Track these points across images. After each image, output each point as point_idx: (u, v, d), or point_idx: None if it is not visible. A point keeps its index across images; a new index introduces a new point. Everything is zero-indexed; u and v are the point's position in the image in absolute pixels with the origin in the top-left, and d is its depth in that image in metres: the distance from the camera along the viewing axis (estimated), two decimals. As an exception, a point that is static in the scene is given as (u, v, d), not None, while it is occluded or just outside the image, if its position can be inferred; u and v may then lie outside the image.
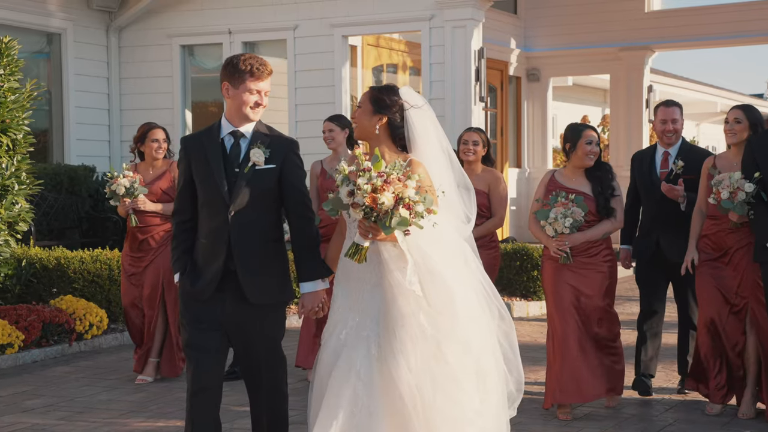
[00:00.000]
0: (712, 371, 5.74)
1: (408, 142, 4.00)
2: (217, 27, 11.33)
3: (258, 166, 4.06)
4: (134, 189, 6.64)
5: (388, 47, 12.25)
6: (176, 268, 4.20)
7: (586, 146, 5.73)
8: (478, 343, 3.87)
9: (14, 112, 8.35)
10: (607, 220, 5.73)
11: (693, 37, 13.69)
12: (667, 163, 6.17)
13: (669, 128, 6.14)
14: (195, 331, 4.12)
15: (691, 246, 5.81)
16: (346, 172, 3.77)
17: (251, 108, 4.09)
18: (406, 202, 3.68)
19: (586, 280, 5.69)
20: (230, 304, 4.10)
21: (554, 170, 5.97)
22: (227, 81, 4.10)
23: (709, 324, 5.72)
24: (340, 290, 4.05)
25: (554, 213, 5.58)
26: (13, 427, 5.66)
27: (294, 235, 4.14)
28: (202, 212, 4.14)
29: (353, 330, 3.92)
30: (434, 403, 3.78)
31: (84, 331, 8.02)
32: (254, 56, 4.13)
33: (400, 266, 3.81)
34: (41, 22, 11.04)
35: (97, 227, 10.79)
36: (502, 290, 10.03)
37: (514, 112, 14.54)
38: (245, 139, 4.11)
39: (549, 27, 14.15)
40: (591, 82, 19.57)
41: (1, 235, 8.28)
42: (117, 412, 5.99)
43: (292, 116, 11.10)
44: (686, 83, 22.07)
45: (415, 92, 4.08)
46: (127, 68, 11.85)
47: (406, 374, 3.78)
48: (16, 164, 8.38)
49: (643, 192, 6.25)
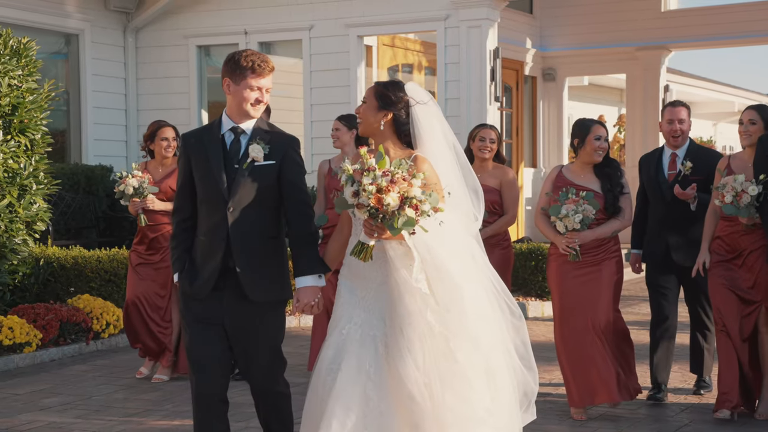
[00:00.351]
0: (727, 374, 5.63)
1: (413, 139, 3.94)
2: (233, 27, 11.38)
3: (257, 162, 4.02)
4: (143, 189, 6.66)
5: (403, 47, 12.26)
6: (175, 267, 4.17)
7: (595, 142, 5.65)
8: (488, 340, 3.81)
9: (32, 112, 8.42)
10: (616, 219, 5.66)
11: (710, 37, 13.62)
12: (674, 164, 6.11)
13: (676, 128, 6.08)
14: (197, 333, 4.09)
15: (704, 248, 5.73)
16: (350, 171, 3.71)
17: (252, 105, 4.06)
18: (413, 203, 3.62)
19: (593, 277, 5.62)
20: (229, 302, 4.06)
21: (561, 165, 5.91)
22: (228, 77, 4.07)
23: (723, 326, 5.65)
24: (345, 287, 4.00)
25: (566, 209, 5.51)
26: (31, 425, 5.71)
27: (292, 231, 4.09)
28: (201, 209, 4.11)
29: (359, 327, 3.88)
30: (444, 402, 3.73)
31: (101, 330, 8.08)
32: (256, 53, 4.10)
33: (406, 264, 3.76)
34: (59, 23, 11.12)
35: (114, 227, 10.85)
36: (517, 290, 10.02)
37: (529, 112, 14.52)
38: (245, 135, 4.08)
39: (565, 27, 14.12)
40: (607, 82, 19.51)
41: (20, 234, 8.35)
42: (133, 411, 6.02)
43: (307, 116, 11.13)
44: (703, 82, 21.96)
45: (420, 88, 4.02)
46: (143, 69, 11.92)
47: (415, 372, 3.74)
48: (34, 164, 8.44)
49: (651, 194, 6.18)
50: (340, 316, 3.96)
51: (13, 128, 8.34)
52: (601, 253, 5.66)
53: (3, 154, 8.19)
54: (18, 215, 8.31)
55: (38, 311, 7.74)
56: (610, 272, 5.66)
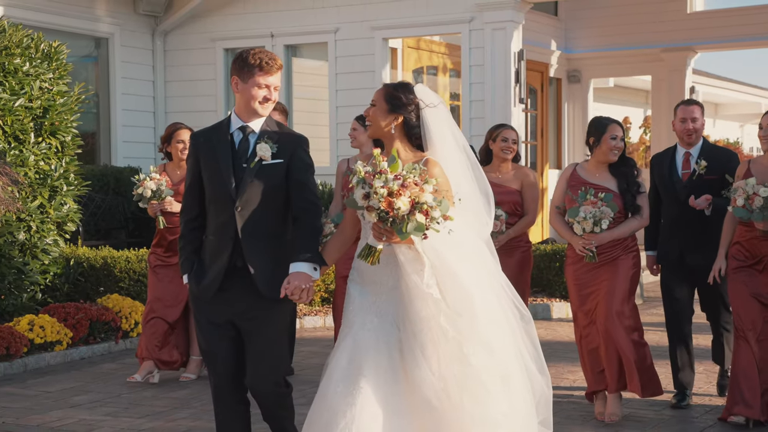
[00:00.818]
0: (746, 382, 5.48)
1: (424, 141, 3.86)
2: (260, 30, 11.47)
3: (265, 161, 3.97)
4: (161, 191, 6.66)
5: (428, 49, 12.30)
6: (184, 268, 4.12)
7: (611, 141, 5.56)
8: (500, 344, 3.76)
9: (63, 115, 8.56)
10: (634, 218, 5.60)
11: (736, 38, 13.54)
12: (688, 163, 6.00)
13: (689, 127, 5.96)
14: (211, 335, 4.08)
15: (721, 254, 5.60)
16: (362, 173, 3.63)
17: (260, 103, 4.00)
18: (424, 208, 3.56)
19: (609, 269, 5.55)
20: (238, 302, 4.02)
21: (576, 164, 5.81)
22: (236, 75, 4.02)
23: (742, 332, 5.51)
24: (357, 290, 3.92)
25: (584, 212, 5.41)
26: (62, 422, 5.80)
27: (295, 225, 4.02)
28: (209, 209, 4.06)
29: (372, 333, 3.80)
30: (463, 405, 3.69)
31: (130, 329, 8.17)
32: (264, 50, 4.03)
33: (417, 269, 3.71)
34: (90, 27, 11.26)
35: (143, 227, 10.96)
36: (542, 291, 10.04)
37: (554, 114, 14.51)
38: (254, 134, 4.03)
39: (590, 28, 14.09)
40: (632, 84, 19.42)
41: (50, 234, 8.49)
42: (161, 409, 6.10)
43: (332, 118, 11.20)
44: (729, 84, 21.80)
45: (430, 90, 3.95)
46: (171, 72, 12.05)
47: (431, 377, 3.69)
48: (64, 166, 8.58)
49: (664, 194, 6.07)
50: (353, 321, 3.88)
51: (45, 130, 8.49)
52: (618, 250, 5.60)
53: (34, 155, 8.34)
54: (49, 216, 8.46)
55: (69, 310, 7.85)
56: (627, 266, 5.58)
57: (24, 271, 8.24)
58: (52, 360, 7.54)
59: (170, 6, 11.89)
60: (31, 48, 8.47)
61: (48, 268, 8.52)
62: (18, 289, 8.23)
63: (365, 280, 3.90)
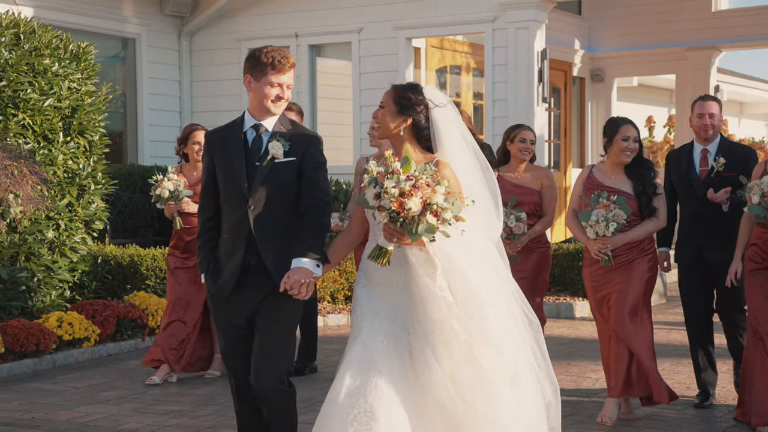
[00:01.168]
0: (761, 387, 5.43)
1: (434, 142, 3.83)
2: (284, 30, 11.55)
3: (277, 159, 3.96)
4: (178, 192, 6.69)
5: (451, 49, 12.34)
6: (201, 268, 4.14)
7: (623, 143, 5.47)
8: (510, 348, 3.75)
9: (91, 114, 8.68)
10: (650, 220, 5.51)
11: (761, 36, 13.44)
12: (706, 160, 5.90)
13: (707, 123, 5.88)
14: (230, 336, 4.10)
15: (737, 257, 5.52)
16: (374, 173, 3.60)
17: (272, 101, 4.00)
18: (434, 209, 3.52)
19: (624, 271, 5.49)
20: (253, 299, 4.03)
21: (592, 165, 5.72)
22: (249, 74, 4.01)
23: (759, 335, 5.44)
24: (364, 293, 3.88)
25: (596, 215, 5.34)
26: (90, 417, 5.90)
27: (303, 221, 3.99)
28: (224, 207, 4.06)
29: (383, 336, 3.77)
30: (476, 407, 3.68)
31: (156, 327, 8.22)
32: (277, 49, 4.02)
33: (428, 271, 3.67)
34: (117, 28, 11.39)
35: (169, 226, 10.90)
36: (564, 290, 10.05)
37: (577, 113, 14.48)
38: (267, 132, 4.02)
39: (613, 27, 14.05)
40: (656, 83, 19.32)
41: (78, 233, 8.61)
42: (186, 405, 6.18)
43: (356, 117, 11.26)
44: (754, 82, 21.62)
45: (438, 91, 3.92)
46: (197, 71, 12.16)
47: (443, 379, 3.68)
48: (92, 165, 8.71)
49: (681, 191, 5.97)
50: (362, 325, 3.84)
51: (73, 130, 8.61)
52: (634, 253, 5.52)
53: (63, 155, 8.46)
54: (77, 214, 8.58)
55: (96, 308, 7.93)
56: (642, 270, 5.52)
57: (53, 268, 8.36)
58: (80, 356, 7.65)
59: (196, 7, 12.01)
60: (60, 49, 8.59)
61: (76, 266, 8.64)
62: (47, 287, 8.35)
63: (373, 283, 3.87)
